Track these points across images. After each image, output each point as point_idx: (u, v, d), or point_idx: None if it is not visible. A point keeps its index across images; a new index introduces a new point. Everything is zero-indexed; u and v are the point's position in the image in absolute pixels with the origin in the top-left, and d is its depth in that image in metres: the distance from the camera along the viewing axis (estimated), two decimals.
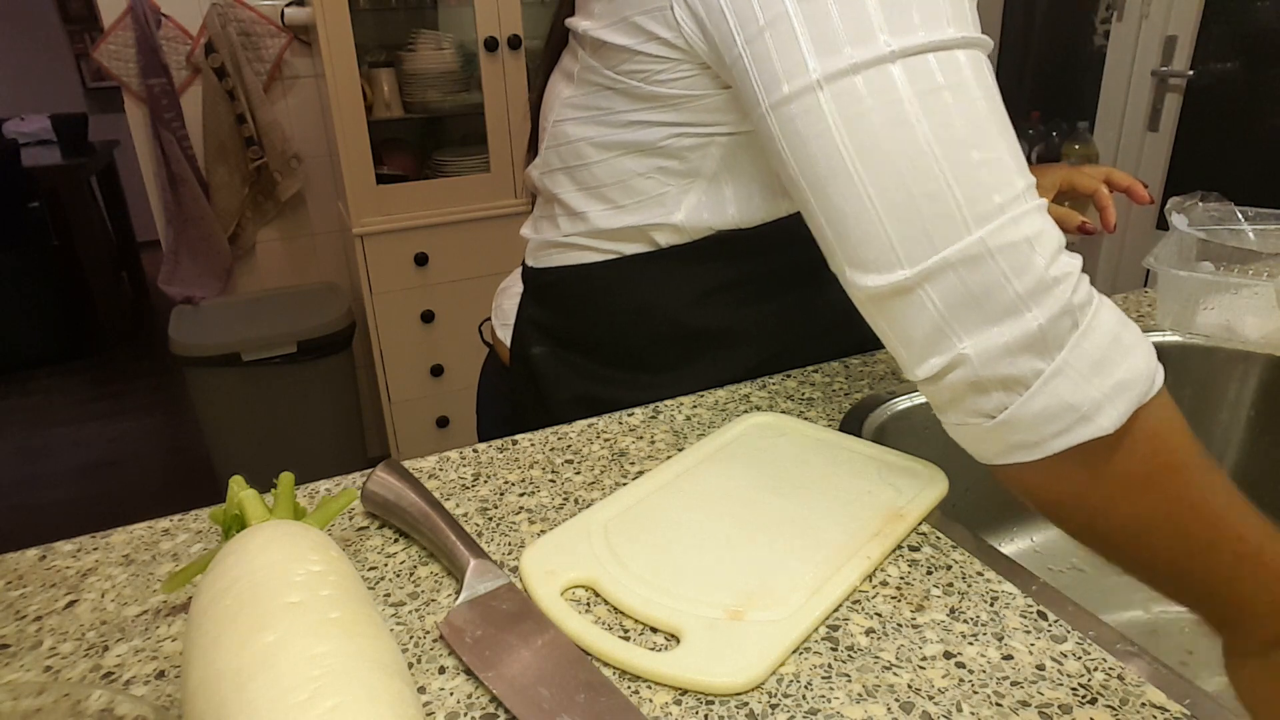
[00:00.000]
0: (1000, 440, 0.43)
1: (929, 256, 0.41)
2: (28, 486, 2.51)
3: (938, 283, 0.41)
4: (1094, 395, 0.41)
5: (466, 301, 2.06)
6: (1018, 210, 0.40)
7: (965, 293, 0.41)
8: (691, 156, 0.57)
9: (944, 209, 0.40)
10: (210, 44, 1.98)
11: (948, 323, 0.42)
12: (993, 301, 0.40)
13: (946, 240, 0.40)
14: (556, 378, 0.68)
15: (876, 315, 0.45)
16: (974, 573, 0.46)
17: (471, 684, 0.39)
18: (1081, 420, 0.41)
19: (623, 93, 0.56)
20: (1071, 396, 0.41)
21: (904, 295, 0.42)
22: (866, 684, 0.39)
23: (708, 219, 0.58)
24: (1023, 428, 0.42)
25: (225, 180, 2.10)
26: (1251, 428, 0.75)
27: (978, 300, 0.41)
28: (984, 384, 0.42)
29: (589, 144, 0.60)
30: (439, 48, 1.99)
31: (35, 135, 3.82)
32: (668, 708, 0.38)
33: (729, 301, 0.63)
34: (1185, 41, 1.86)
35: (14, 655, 0.42)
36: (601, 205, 0.61)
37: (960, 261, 0.40)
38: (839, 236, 0.44)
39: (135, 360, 3.43)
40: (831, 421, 0.63)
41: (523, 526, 0.51)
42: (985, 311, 0.41)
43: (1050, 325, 0.40)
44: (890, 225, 0.41)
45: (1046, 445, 0.42)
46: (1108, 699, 0.38)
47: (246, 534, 0.38)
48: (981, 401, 0.43)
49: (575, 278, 0.65)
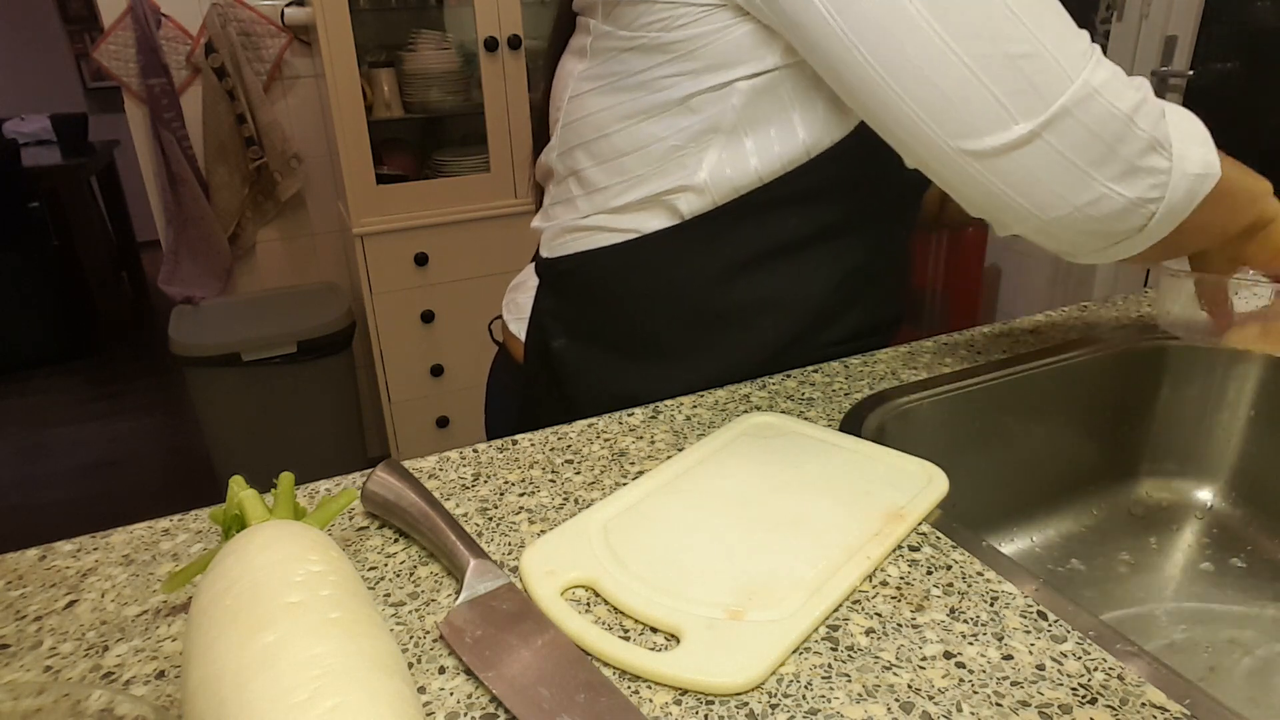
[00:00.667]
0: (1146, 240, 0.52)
1: (1046, 108, 0.46)
2: (28, 486, 2.51)
3: (1057, 129, 0.47)
4: (1201, 157, 0.50)
5: (466, 301, 2.06)
6: (1096, 54, 0.47)
7: (1086, 132, 0.47)
8: (711, 109, 0.57)
9: (1044, 65, 0.46)
10: (210, 44, 1.98)
11: (1075, 164, 0.48)
12: (1109, 131, 0.47)
13: (1056, 91, 0.46)
14: (578, 371, 0.67)
15: (992, 176, 0.50)
16: (974, 573, 0.46)
17: (471, 684, 0.39)
18: (1204, 179, 0.50)
19: (640, 49, 0.57)
20: (1193, 168, 0.50)
21: (1024, 148, 0.48)
22: (866, 684, 0.39)
23: (730, 175, 0.58)
24: (1170, 218, 0.51)
25: (225, 180, 2.10)
26: (1251, 428, 0.76)
27: (1097, 135, 0.47)
28: (1130, 206, 0.50)
29: (607, 113, 0.60)
30: (439, 48, 1.99)
31: (35, 135, 3.82)
32: (668, 708, 0.38)
33: (754, 275, 0.62)
34: (1185, 41, 1.86)
35: (14, 655, 0.42)
36: (621, 178, 0.61)
37: (1074, 105, 0.46)
38: (940, 113, 0.48)
39: (135, 360, 3.43)
40: (831, 421, 0.63)
41: (523, 526, 0.51)
42: (1106, 142, 0.47)
43: (1155, 129, 0.48)
44: (996, 87, 0.46)
45: (1185, 213, 0.51)
46: (1108, 699, 0.38)
47: (246, 534, 0.38)
48: (1140, 211, 0.50)
49: (594, 263, 0.64)
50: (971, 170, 0.50)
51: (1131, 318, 0.81)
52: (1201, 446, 0.78)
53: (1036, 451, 0.74)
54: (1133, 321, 0.80)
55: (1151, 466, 0.80)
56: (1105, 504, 0.78)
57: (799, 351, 0.69)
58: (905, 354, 0.74)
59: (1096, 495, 0.78)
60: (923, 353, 0.74)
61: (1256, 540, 0.73)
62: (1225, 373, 0.76)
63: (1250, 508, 0.75)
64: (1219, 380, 0.76)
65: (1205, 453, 0.78)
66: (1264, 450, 0.75)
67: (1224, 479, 0.77)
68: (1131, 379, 0.77)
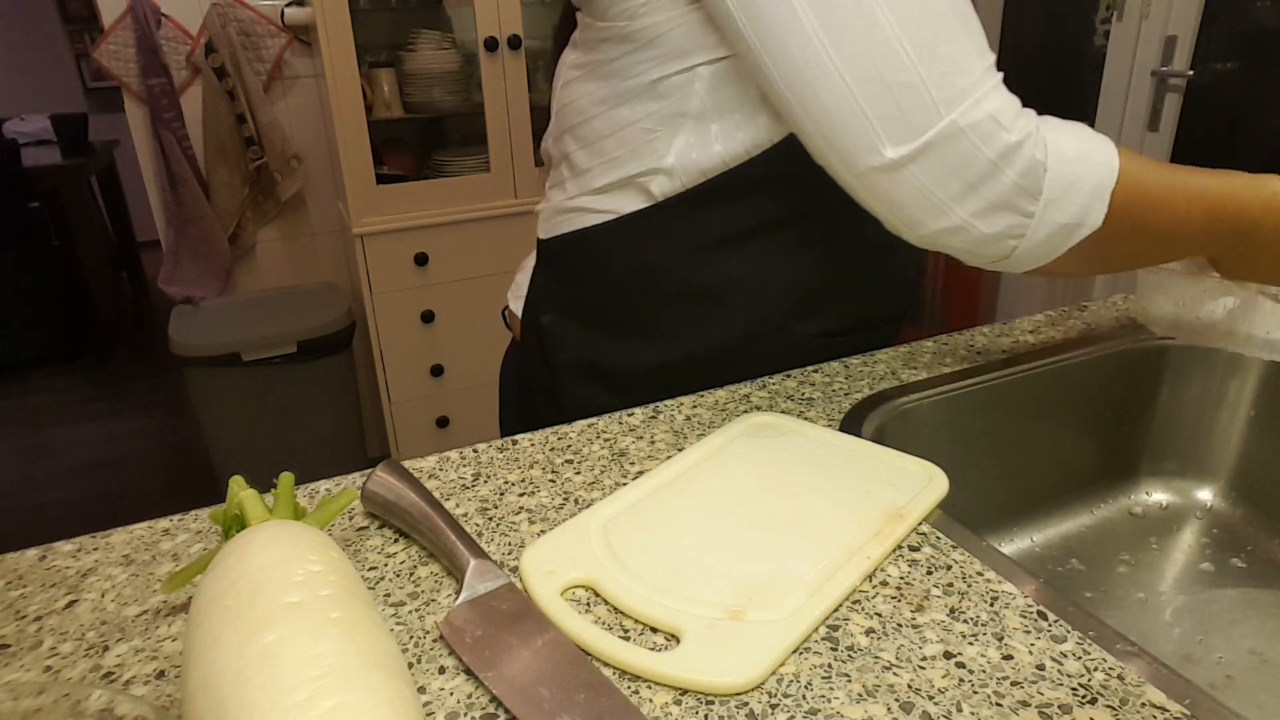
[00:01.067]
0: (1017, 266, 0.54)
1: (912, 140, 0.49)
2: (28, 486, 2.51)
3: (921, 162, 0.49)
4: (1078, 208, 0.51)
5: (466, 301, 2.06)
6: (979, 91, 0.48)
7: (949, 169, 0.49)
8: (677, 94, 0.60)
9: (918, 97, 0.48)
10: (210, 44, 1.98)
11: (935, 195, 0.50)
12: (972, 172, 0.49)
13: (925, 125, 0.48)
14: (562, 343, 0.70)
15: (868, 195, 0.53)
16: (974, 573, 0.46)
17: (471, 684, 0.39)
18: (1076, 229, 0.52)
19: (614, 38, 0.60)
20: (1062, 217, 0.51)
21: (892, 174, 0.50)
22: (866, 684, 0.39)
23: (696, 158, 0.60)
24: (1032, 255, 0.53)
25: (225, 180, 2.10)
26: (1251, 428, 0.76)
27: (959, 173, 0.49)
28: (989, 239, 0.52)
29: (588, 98, 0.64)
30: (439, 48, 1.99)
31: (35, 135, 3.82)
32: (668, 708, 0.38)
33: (723, 256, 0.64)
34: (1185, 41, 1.86)
35: (14, 655, 0.42)
36: (601, 160, 0.64)
37: (939, 142, 0.48)
38: (827, 128, 0.51)
39: (135, 360, 3.43)
40: (831, 421, 0.63)
41: (523, 526, 0.51)
42: (968, 181, 0.49)
43: (1024, 177, 0.50)
44: (871, 111, 0.49)
45: (1054, 254, 0.53)
46: (1108, 699, 0.38)
47: (246, 534, 0.38)
48: (999, 244, 0.52)
49: (579, 242, 0.67)
50: (851, 182, 0.53)
51: (1132, 318, 0.81)
52: (1201, 446, 0.78)
53: (1036, 451, 0.74)
54: (1133, 321, 0.80)
55: (1151, 466, 0.80)
56: (1105, 504, 0.78)
57: (779, 340, 0.68)
58: (905, 354, 0.74)
59: (1096, 495, 0.78)
60: (923, 353, 0.74)
61: (1256, 540, 0.73)
62: (1225, 373, 0.76)
63: (1250, 508, 0.75)
64: (1219, 380, 0.76)
65: (1205, 453, 0.78)
66: (1264, 450, 0.75)
67: (1224, 479, 0.77)
68: (1131, 379, 0.77)
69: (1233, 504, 0.76)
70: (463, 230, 2.01)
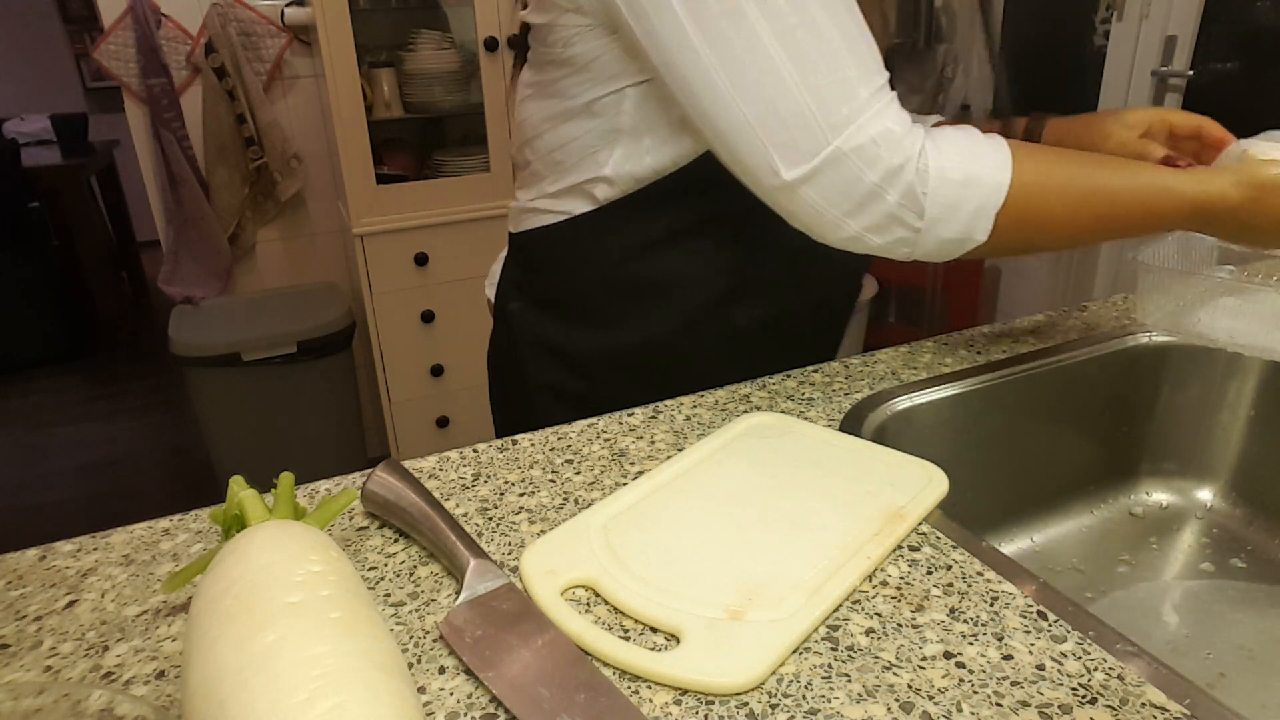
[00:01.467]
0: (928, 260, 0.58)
1: (804, 164, 0.53)
2: (28, 486, 2.51)
3: (813, 183, 0.54)
4: (962, 226, 0.55)
5: (466, 301, 2.06)
6: (863, 117, 0.53)
7: (837, 190, 0.54)
8: (609, 114, 0.65)
9: (806, 125, 0.53)
10: (210, 44, 1.98)
11: (829, 212, 0.55)
12: (857, 192, 0.54)
13: (813, 150, 0.53)
14: (525, 327, 0.77)
15: (775, 208, 0.57)
16: (974, 573, 0.46)
17: (471, 684, 0.39)
18: (964, 242, 0.56)
19: (554, 62, 0.66)
20: (947, 233, 0.56)
21: (789, 192, 0.55)
22: (866, 684, 0.39)
23: (630, 169, 0.66)
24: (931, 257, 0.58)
25: (225, 180, 2.10)
26: (1251, 428, 0.76)
27: (846, 194, 0.54)
28: (886, 247, 0.57)
29: (537, 116, 0.70)
30: (439, 48, 1.99)
31: (35, 135, 3.82)
32: (668, 708, 0.38)
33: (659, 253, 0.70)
34: (1185, 41, 1.86)
35: (14, 655, 0.42)
36: (553, 169, 0.71)
37: (826, 165, 0.53)
38: (730, 151, 0.56)
39: (135, 360, 3.43)
40: (831, 421, 0.63)
41: (523, 526, 0.51)
42: (852, 200, 0.54)
43: (904, 198, 0.54)
44: (766, 140, 0.54)
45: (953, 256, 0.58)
46: (1108, 699, 0.38)
47: (246, 534, 0.38)
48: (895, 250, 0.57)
49: (538, 238, 0.74)
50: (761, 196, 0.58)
51: (1132, 317, 0.81)
52: (1201, 446, 0.78)
53: (1036, 451, 0.74)
54: (1133, 321, 0.80)
55: (1151, 466, 0.80)
56: (1105, 504, 0.78)
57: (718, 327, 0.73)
58: (905, 354, 0.74)
59: (1096, 495, 0.78)
60: (923, 353, 0.74)
61: (1256, 540, 0.73)
62: (1225, 373, 0.76)
63: (1250, 508, 0.75)
64: (1219, 380, 0.76)
65: (1205, 453, 0.78)
66: (1264, 450, 0.75)
67: (1224, 479, 0.77)
68: (1131, 379, 0.77)
69: (1233, 504, 0.76)
70: (463, 230, 2.01)
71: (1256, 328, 0.72)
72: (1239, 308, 0.73)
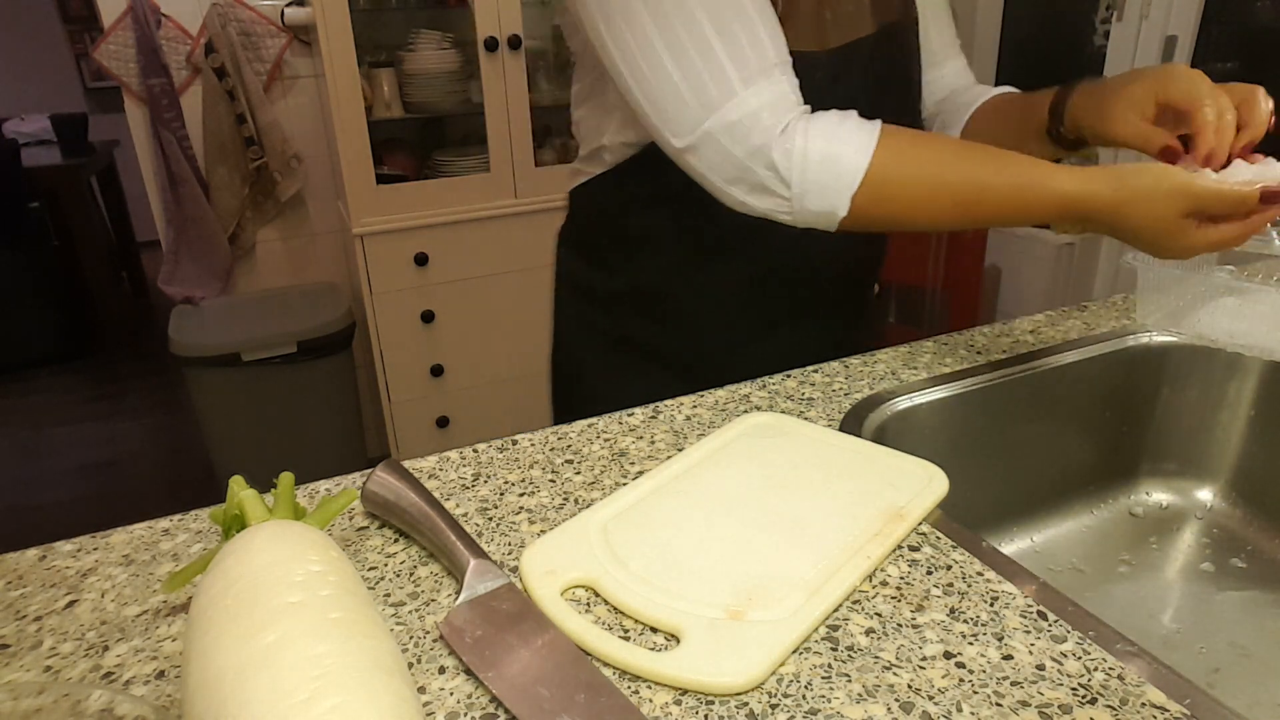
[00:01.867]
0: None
1: (687, 135, 0.63)
2: (28, 486, 2.51)
3: (696, 153, 0.64)
4: (824, 202, 0.62)
5: (466, 301, 2.06)
6: (732, 99, 0.61)
7: (711, 164, 0.63)
8: (600, 94, 0.77)
9: (683, 104, 0.62)
10: (210, 44, 1.98)
11: (713, 177, 0.64)
12: (730, 165, 0.63)
13: (691, 126, 0.63)
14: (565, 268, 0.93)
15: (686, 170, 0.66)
16: (974, 573, 0.46)
17: (471, 684, 0.39)
18: (830, 215, 0.63)
19: (572, 54, 0.81)
20: (814, 206, 0.62)
21: (683, 157, 0.65)
22: (866, 684, 0.39)
23: (622, 140, 0.78)
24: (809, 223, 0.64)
25: (225, 180, 2.10)
26: (1251, 428, 0.76)
27: (720, 165, 0.63)
28: (768, 211, 0.64)
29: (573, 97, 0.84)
30: (439, 48, 1.99)
31: (35, 135, 3.81)
32: (668, 708, 0.38)
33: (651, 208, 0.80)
34: (1185, 41, 1.86)
35: (14, 655, 0.42)
36: (581, 139, 0.85)
37: (701, 141, 0.63)
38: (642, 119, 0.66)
39: (135, 360, 3.42)
40: (831, 421, 0.63)
41: (523, 526, 0.51)
42: (729, 171, 0.63)
43: (770, 173, 0.62)
44: (655, 117, 0.64)
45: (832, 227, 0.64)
46: (1108, 699, 0.38)
47: (246, 534, 0.38)
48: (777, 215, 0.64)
49: (577, 194, 0.88)
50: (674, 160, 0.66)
51: (1132, 317, 0.81)
52: (1201, 446, 0.78)
53: (1036, 451, 0.74)
54: (1133, 321, 0.80)
55: (1151, 466, 0.80)
56: (1105, 504, 0.78)
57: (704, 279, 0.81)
58: (905, 354, 0.74)
59: (1096, 495, 0.78)
60: (923, 353, 0.74)
61: (1256, 540, 0.73)
62: (1225, 373, 0.76)
63: (1250, 508, 0.75)
64: (1219, 380, 0.76)
65: (1205, 453, 0.78)
66: (1264, 450, 0.75)
67: (1224, 479, 0.77)
68: (1131, 379, 0.77)
69: (1233, 504, 0.76)
70: (463, 230, 2.01)
71: (1256, 328, 0.72)
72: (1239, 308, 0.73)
